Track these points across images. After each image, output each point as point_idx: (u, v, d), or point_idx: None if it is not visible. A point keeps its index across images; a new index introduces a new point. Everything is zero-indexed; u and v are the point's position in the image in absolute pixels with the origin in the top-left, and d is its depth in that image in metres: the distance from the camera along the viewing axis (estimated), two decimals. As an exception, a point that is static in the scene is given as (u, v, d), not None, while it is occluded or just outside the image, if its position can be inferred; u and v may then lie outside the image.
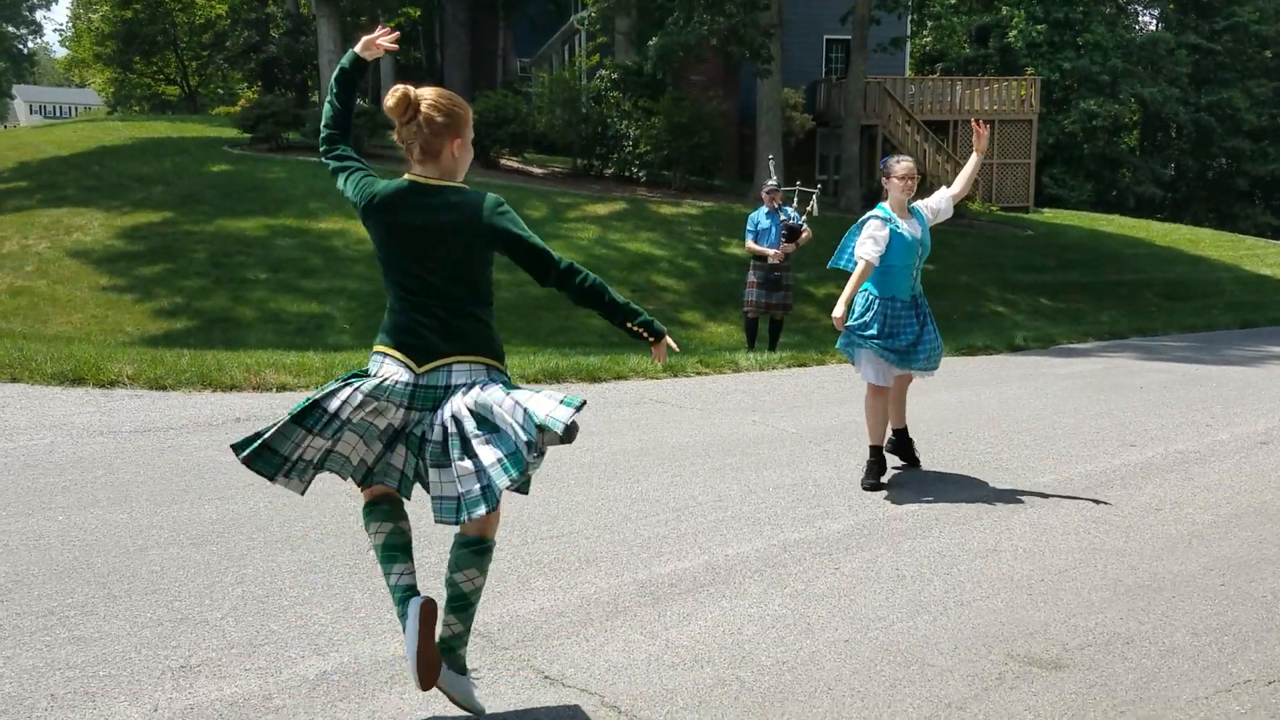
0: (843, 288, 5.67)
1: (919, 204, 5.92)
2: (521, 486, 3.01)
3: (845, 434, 6.89)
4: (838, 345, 5.90)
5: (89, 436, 6.00)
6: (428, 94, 3.03)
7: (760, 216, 10.73)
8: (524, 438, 2.83)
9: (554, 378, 8.57)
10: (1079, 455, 6.49)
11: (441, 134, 3.00)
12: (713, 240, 18.28)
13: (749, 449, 6.39)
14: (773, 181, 10.86)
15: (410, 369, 3.03)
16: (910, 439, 6.14)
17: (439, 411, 3.01)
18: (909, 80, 30.30)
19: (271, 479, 3.03)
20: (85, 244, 14.61)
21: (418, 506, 3.47)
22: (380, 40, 3.25)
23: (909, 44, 34.59)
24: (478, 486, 2.88)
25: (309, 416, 3.00)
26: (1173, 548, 4.65)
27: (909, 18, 27.89)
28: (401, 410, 3.05)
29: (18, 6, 68.35)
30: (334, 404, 2.99)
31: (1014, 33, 39.23)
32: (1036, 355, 11.54)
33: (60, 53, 72.26)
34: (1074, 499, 5.45)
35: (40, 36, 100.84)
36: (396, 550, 3.15)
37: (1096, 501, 5.40)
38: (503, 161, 23.54)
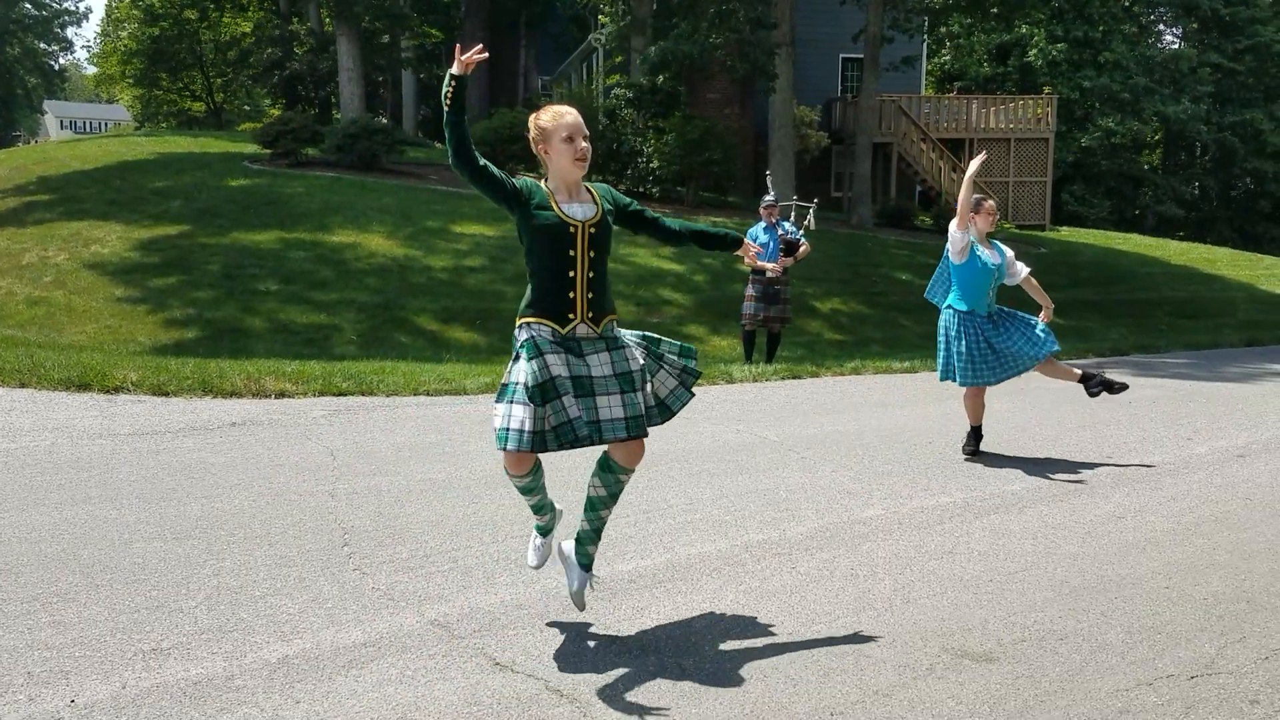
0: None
1: (1002, 246, 6.92)
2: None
3: (826, 443, 7.03)
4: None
5: (88, 438, 6.22)
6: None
7: (758, 232, 10.90)
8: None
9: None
10: (1053, 465, 6.61)
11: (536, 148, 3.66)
12: (721, 256, 18.45)
13: (728, 456, 6.54)
14: (770, 196, 11.03)
15: None
16: (981, 437, 6.91)
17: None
18: (925, 98, 30.46)
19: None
20: (103, 256, 14.95)
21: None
22: (472, 56, 3.47)
23: (928, 63, 34.79)
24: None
25: None
26: (1125, 553, 4.77)
27: (923, 38, 28.02)
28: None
29: (49, 24, 69.59)
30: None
31: (1034, 51, 39.30)
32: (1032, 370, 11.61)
33: (91, 69, 73.39)
34: (1038, 505, 5.58)
35: (71, 53, 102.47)
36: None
37: (1060, 508, 5.52)
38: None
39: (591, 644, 3.61)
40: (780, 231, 10.78)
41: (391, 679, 3.28)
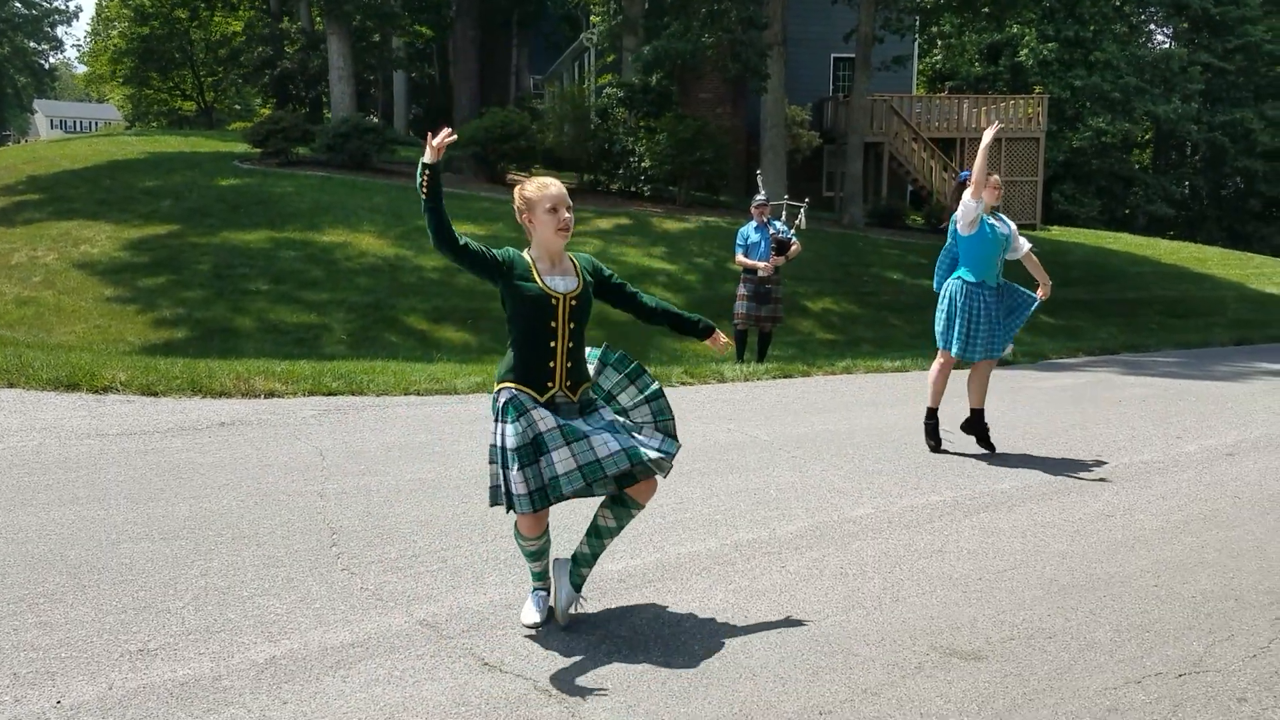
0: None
1: (1006, 219, 7.02)
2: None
3: (816, 442, 7.03)
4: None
5: (77, 439, 6.20)
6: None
7: (750, 230, 10.90)
8: None
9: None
10: (1043, 463, 6.62)
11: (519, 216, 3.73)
12: (713, 255, 18.46)
13: (718, 455, 6.54)
14: (761, 195, 11.02)
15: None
16: (986, 423, 7.02)
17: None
18: (916, 98, 30.48)
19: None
20: (92, 256, 14.90)
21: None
22: (444, 140, 3.52)
23: (919, 63, 34.82)
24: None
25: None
26: (1114, 551, 4.78)
27: (914, 38, 28.07)
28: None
29: (39, 22, 69.34)
30: None
31: (1025, 51, 39.37)
32: (1024, 370, 11.65)
33: (81, 69, 73.13)
34: (1028, 504, 5.59)
35: (61, 52, 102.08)
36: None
37: (1050, 506, 5.53)
38: (509, 177, 23.80)
39: (580, 644, 3.61)
40: (772, 231, 10.79)
41: (379, 679, 3.27)
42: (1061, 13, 37.54)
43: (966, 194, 6.78)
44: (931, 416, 6.99)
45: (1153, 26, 46.64)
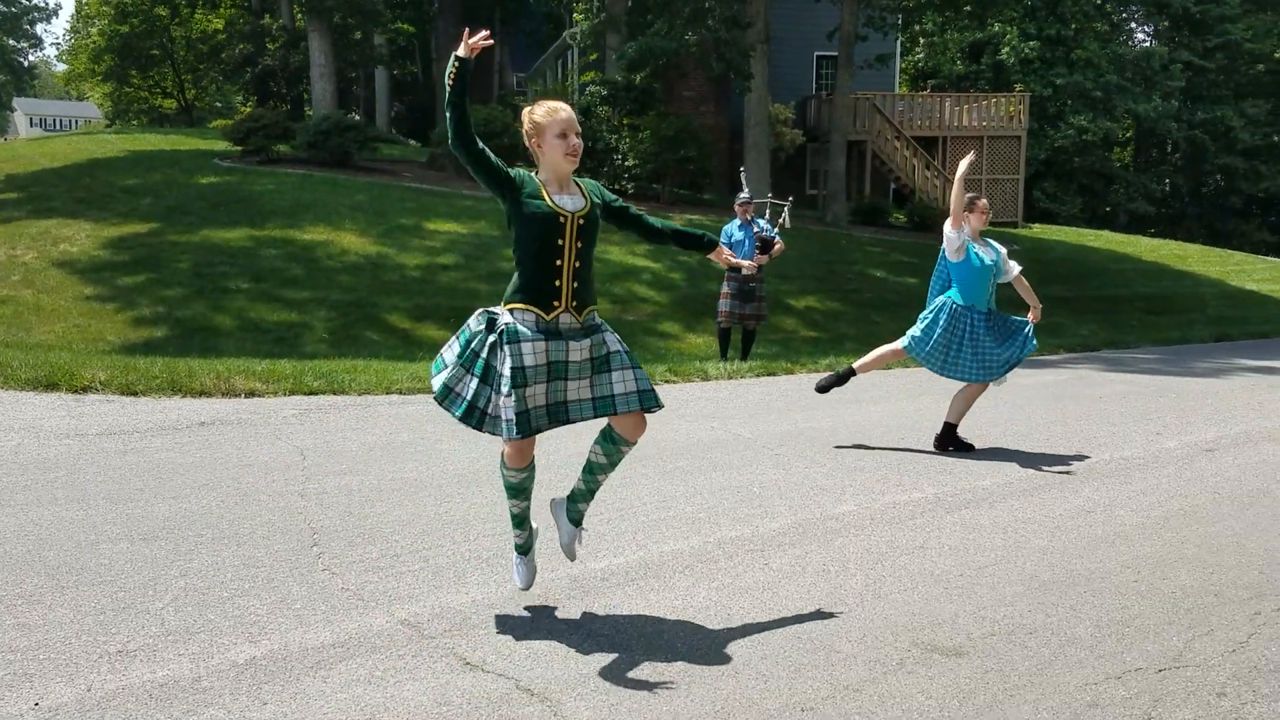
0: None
1: (995, 244, 7.08)
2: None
3: (800, 439, 7.04)
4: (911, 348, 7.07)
5: (55, 438, 6.15)
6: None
7: (733, 229, 10.90)
8: None
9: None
10: (1024, 460, 6.65)
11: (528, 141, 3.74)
12: (697, 254, 18.44)
13: (701, 453, 6.54)
14: (745, 194, 11.03)
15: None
16: (958, 437, 7.00)
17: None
18: (899, 96, 30.59)
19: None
20: (71, 254, 14.80)
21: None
22: (478, 41, 3.53)
23: (902, 61, 34.89)
24: None
25: None
26: (1095, 546, 4.80)
27: (897, 36, 28.13)
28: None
29: (18, 20, 68.82)
30: None
31: (1006, 49, 39.53)
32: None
33: (61, 66, 72.61)
34: (1009, 500, 5.61)
35: (41, 49, 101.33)
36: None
37: (1030, 502, 5.55)
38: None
39: (563, 642, 3.60)
40: (756, 229, 10.80)
41: (360, 679, 3.25)
42: (1043, 11, 37.72)
43: (947, 225, 6.84)
44: (847, 371, 7.25)
45: (1133, 25, 46.93)
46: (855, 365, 7.24)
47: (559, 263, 3.64)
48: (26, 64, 75.08)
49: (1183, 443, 7.30)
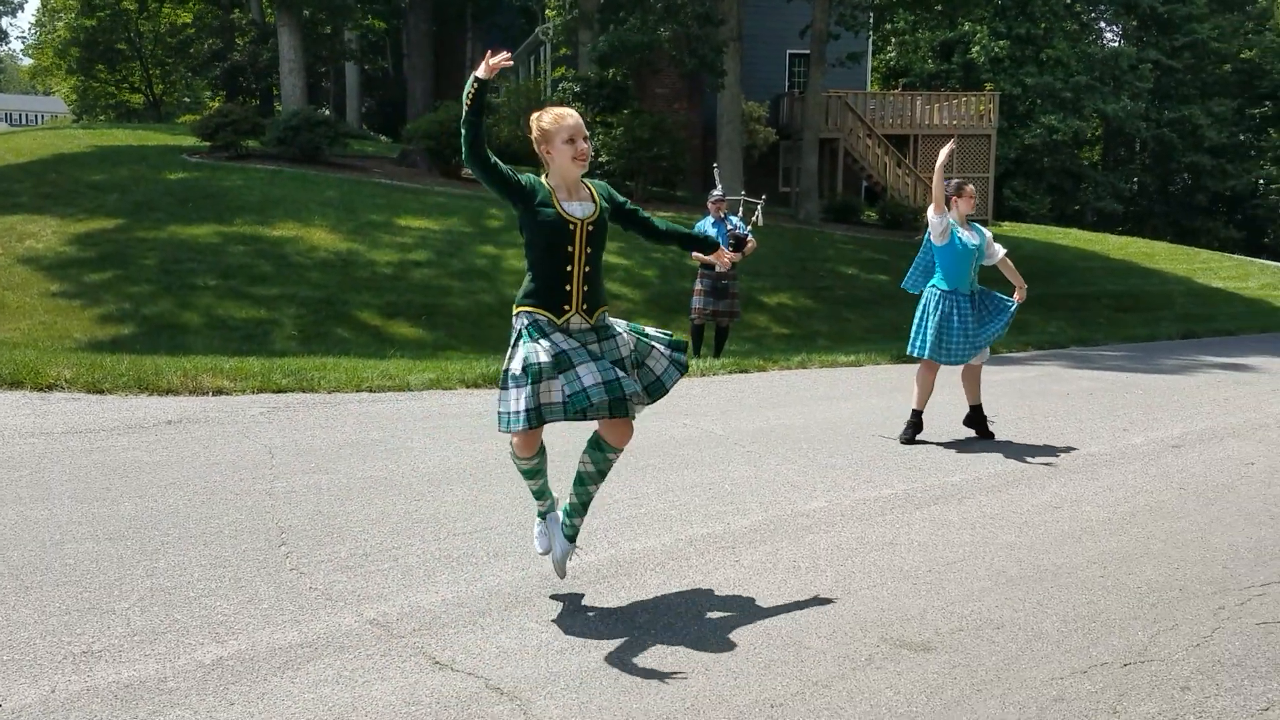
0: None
1: (981, 228, 7.31)
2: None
3: (771, 436, 7.06)
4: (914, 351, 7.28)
5: (20, 437, 6.07)
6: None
7: (706, 226, 10.91)
8: None
9: (495, 382, 8.70)
10: (992, 456, 6.70)
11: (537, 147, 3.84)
12: (670, 249, 18.47)
13: (673, 450, 6.55)
14: (718, 191, 11.05)
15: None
16: (984, 415, 7.33)
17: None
18: (870, 95, 30.71)
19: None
20: (37, 251, 14.61)
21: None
22: (499, 62, 3.65)
23: (873, 60, 35.02)
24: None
25: None
26: (1062, 542, 4.84)
27: (868, 34, 28.24)
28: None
29: (-18, 13, 67.82)
30: None
31: (976, 48, 39.77)
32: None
33: (26, 61, 71.66)
34: (977, 496, 5.65)
35: (6, 43, 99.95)
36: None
37: (998, 498, 5.59)
38: (464, 172, 23.66)
39: (533, 641, 3.59)
40: (729, 226, 10.81)
41: (328, 679, 3.23)
42: (1013, 10, 37.95)
43: (930, 210, 7.13)
44: (915, 418, 7.16)
45: (1102, 24, 47.33)
46: (914, 406, 7.19)
47: (569, 268, 3.77)
48: (-9, 58, 73.98)
49: (1149, 439, 7.38)
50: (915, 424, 7.13)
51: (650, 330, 4.09)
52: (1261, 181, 45.48)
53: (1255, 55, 44.53)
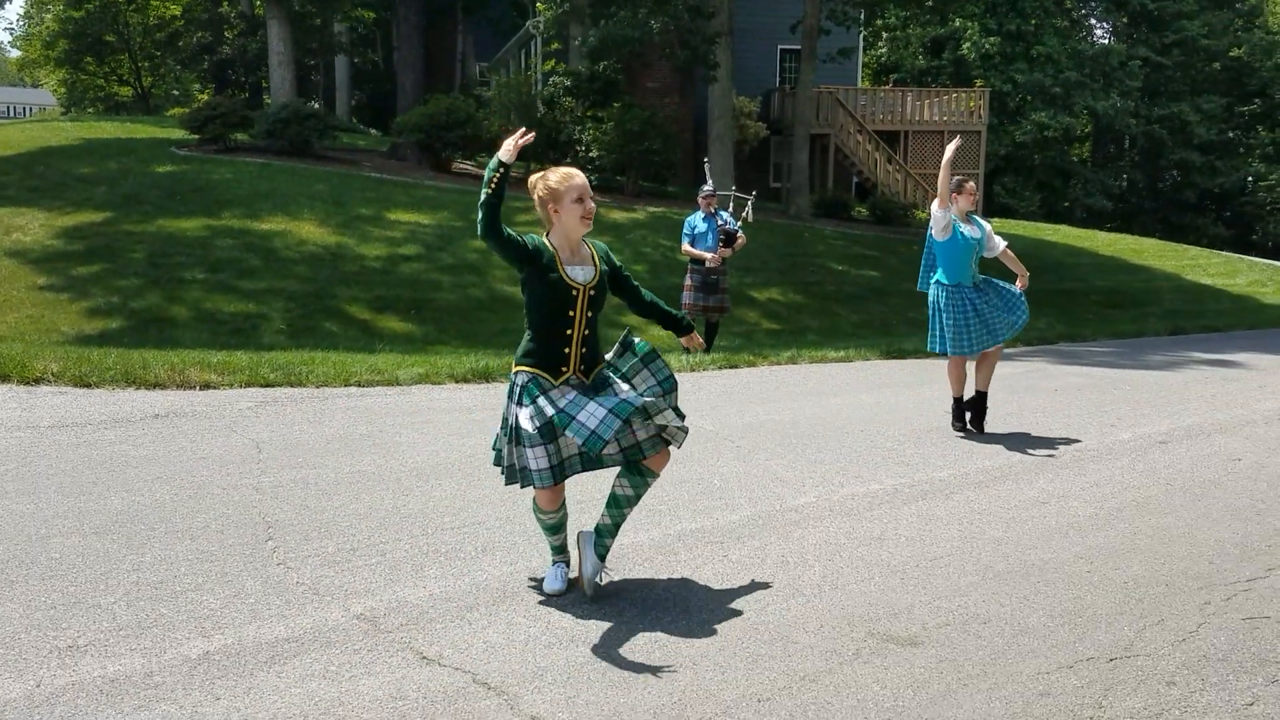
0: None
1: (981, 221, 7.41)
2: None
3: (760, 431, 7.07)
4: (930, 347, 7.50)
5: (6, 431, 6.05)
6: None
7: (697, 221, 10.92)
8: None
9: (484, 377, 8.70)
10: (980, 452, 6.71)
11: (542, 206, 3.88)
12: (660, 245, 18.46)
13: (662, 445, 6.54)
14: (708, 186, 11.05)
15: None
16: (986, 405, 7.42)
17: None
18: (861, 91, 30.71)
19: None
20: (24, 244, 14.54)
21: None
22: (520, 142, 3.69)
23: (864, 55, 35.04)
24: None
25: None
26: (1048, 537, 4.86)
27: (859, 30, 28.24)
28: None
29: (-31, 5, 67.39)
30: None
31: (967, 45, 39.79)
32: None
33: (14, 53, 71.19)
34: (965, 491, 5.67)
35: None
36: None
37: (986, 494, 5.61)
38: (455, 165, 23.62)
39: (520, 636, 3.59)
40: (720, 222, 10.81)
41: (315, 674, 3.23)
42: (1004, 7, 37.99)
43: (934, 205, 7.22)
44: (957, 404, 7.41)
45: (1093, 21, 47.39)
46: (954, 395, 7.43)
47: (569, 332, 3.85)
48: (-22, 49, 73.54)
49: (1136, 435, 7.40)
50: (960, 412, 7.38)
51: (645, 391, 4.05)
52: (1250, 179, 45.61)
53: (1244, 53, 44.63)
